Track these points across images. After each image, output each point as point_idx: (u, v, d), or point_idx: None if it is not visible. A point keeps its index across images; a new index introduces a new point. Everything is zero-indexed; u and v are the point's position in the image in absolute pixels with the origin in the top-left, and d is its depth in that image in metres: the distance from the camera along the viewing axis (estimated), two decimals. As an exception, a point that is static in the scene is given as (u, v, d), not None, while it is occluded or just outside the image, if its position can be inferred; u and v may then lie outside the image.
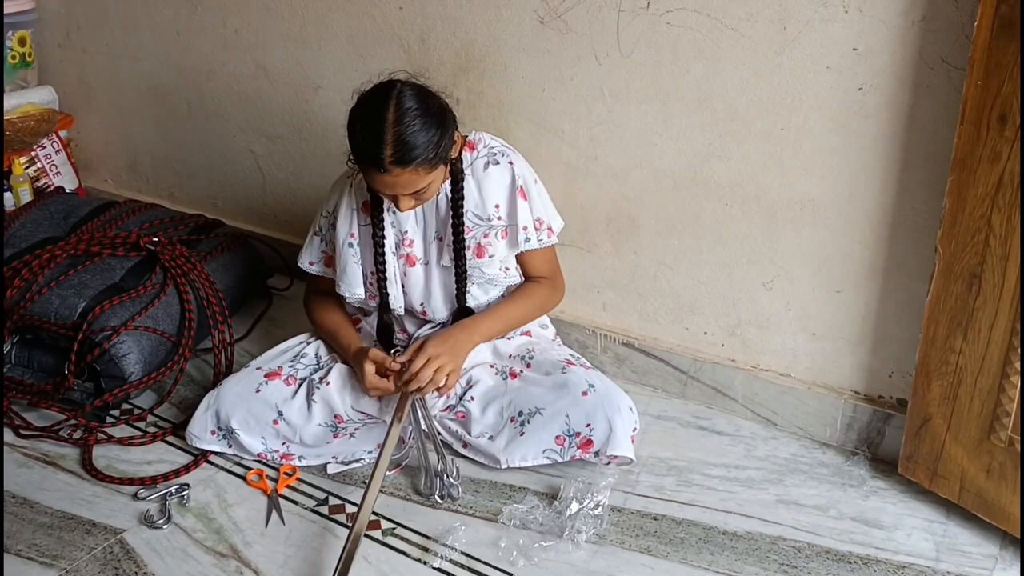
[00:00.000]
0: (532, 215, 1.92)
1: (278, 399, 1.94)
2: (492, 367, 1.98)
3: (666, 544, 1.73)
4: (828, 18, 1.73)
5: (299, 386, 1.97)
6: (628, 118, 2.02)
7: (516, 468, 1.87)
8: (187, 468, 1.93)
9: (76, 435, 2.04)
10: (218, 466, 1.95)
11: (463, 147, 1.90)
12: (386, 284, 1.94)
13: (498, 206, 1.90)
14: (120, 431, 2.07)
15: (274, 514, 1.81)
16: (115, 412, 2.14)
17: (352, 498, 1.85)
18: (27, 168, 2.94)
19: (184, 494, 1.86)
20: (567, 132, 2.11)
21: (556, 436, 1.84)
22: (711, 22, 1.84)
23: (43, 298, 2.17)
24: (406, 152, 1.68)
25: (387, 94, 1.71)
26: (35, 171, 2.97)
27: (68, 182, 3.04)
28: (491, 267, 1.94)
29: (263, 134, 2.68)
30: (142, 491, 1.87)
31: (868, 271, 1.87)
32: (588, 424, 1.83)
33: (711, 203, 1.99)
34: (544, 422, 1.85)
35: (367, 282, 1.97)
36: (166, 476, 1.91)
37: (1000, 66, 1.48)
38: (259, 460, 1.95)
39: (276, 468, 1.92)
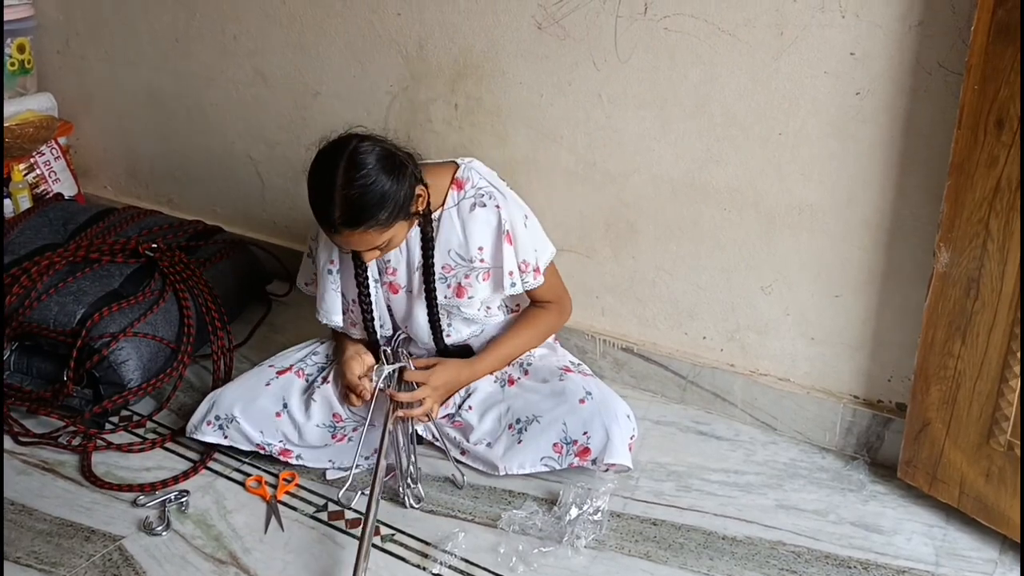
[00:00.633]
0: (517, 259, 1.90)
1: (287, 392, 1.96)
2: (490, 374, 1.98)
3: (665, 549, 1.73)
4: (825, 23, 1.73)
5: (307, 381, 1.98)
6: (626, 123, 2.02)
7: (515, 475, 1.87)
8: (186, 475, 1.93)
9: (75, 442, 2.04)
10: (217, 472, 1.95)
11: (450, 184, 1.87)
12: (370, 309, 1.93)
13: (482, 248, 1.87)
14: (119, 438, 2.07)
15: (273, 520, 1.81)
16: (114, 419, 2.13)
17: (352, 504, 1.85)
18: (26, 175, 2.94)
19: (183, 500, 1.86)
20: (565, 138, 2.11)
21: (553, 444, 1.84)
22: (708, 27, 1.85)
23: (42, 305, 2.17)
24: (355, 215, 1.67)
25: (339, 153, 1.68)
26: (34, 178, 2.97)
27: (67, 189, 3.04)
28: (470, 307, 1.92)
29: (262, 140, 2.68)
30: (141, 498, 1.87)
31: (866, 276, 1.87)
32: (585, 432, 1.83)
33: (709, 208, 1.99)
34: (541, 430, 1.85)
35: (348, 309, 1.96)
36: (165, 483, 1.91)
37: (997, 71, 1.48)
38: (256, 451, 1.94)
39: (275, 475, 1.92)
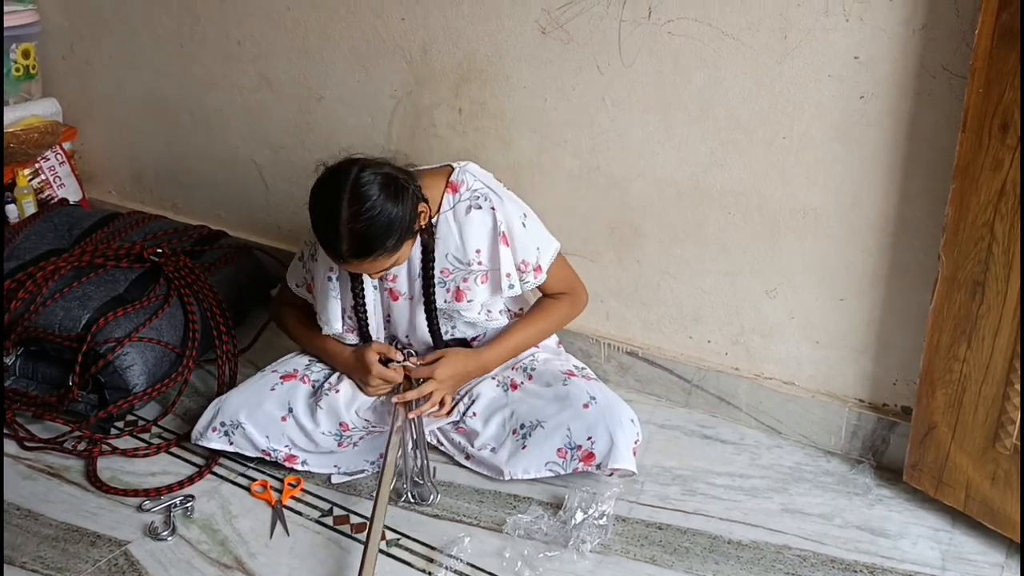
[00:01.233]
0: (516, 259, 1.89)
1: (292, 396, 1.96)
2: (494, 379, 1.98)
3: (671, 554, 1.73)
4: (829, 27, 1.73)
5: (313, 387, 1.99)
6: (630, 127, 2.02)
7: (519, 480, 1.87)
8: (191, 479, 1.93)
9: (80, 447, 2.04)
10: (222, 477, 1.95)
11: (445, 188, 1.88)
12: (366, 317, 1.94)
13: (479, 251, 1.88)
14: (124, 443, 2.07)
15: (279, 525, 1.81)
16: (119, 424, 2.14)
17: (357, 509, 1.85)
18: (31, 180, 2.94)
19: (188, 505, 1.86)
20: (569, 142, 2.11)
21: (558, 449, 1.84)
22: (712, 31, 1.85)
23: (47, 310, 2.17)
24: (364, 247, 1.68)
25: (342, 185, 1.67)
26: (39, 183, 2.97)
27: (72, 194, 3.04)
28: (470, 311, 1.92)
29: (266, 145, 2.69)
30: (147, 503, 1.87)
31: (871, 279, 1.87)
32: (589, 437, 1.83)
33: (714, 212, 1.99)
34: (546, 435, 1.85)
35: (345, 316, 1.96)
36: (170, 487, 1.91)
37: (1001, 74, 1.48)
38: (262, 457, 1.94)
39: (280, 480, 1.92)
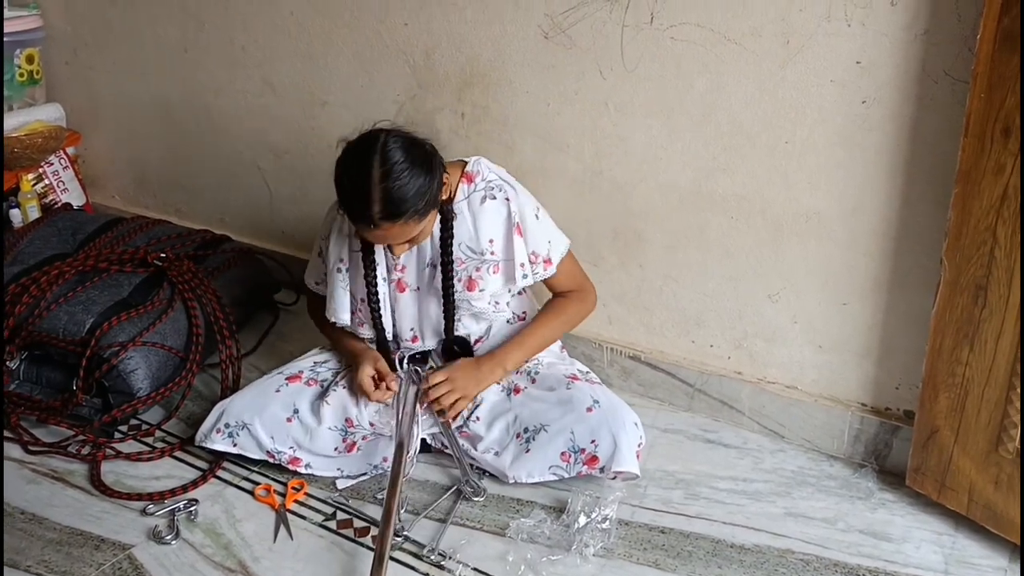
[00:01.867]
0: (527, 250, 1.91)
1: (297, 398, 1.96)
2: (497, 383, 1.98)
3: (674, 558, 1.73)
4: (831, 32, 1.74)
5: (320, 387, 1.99)
6: (633, 132, 2.02)
7: (523, 483, 1.88)
8: (195, 483, 1.94)
9: (84, 451, 2.04)
10: (226, 481, 1.95)
11: (460, 178, 1.89)
12: (379, 308, 1.94)
13: (492, 241, 1.89)
14: (128, 447, 2.08)
15: (282, 529, 1.82)
16: (123, 428, 2.14)
17: (361, 513, 1.86)
18: (35, 185, 2.95)
19: (192, 509, 1.86)
20: (572, 146, 2.11)
21: (561, 452, 1.84)
22: (715, 36, 1.85)
23: (51, 314, 2.18)
24: (395, 208, 1.68)
25: (372, 148, 1.70)
26: (43, 188, 2.98)
27: (75, 199, 3.05)
28: (480, 301, 1.92)
29: (270, 150, 2.69)
30: (150, 507, 1.87)
31: (874, 283, 1.87)
32: (593, 440, 1.83)
33: (716, 217, 2.00)
34: (549, 439, 1.85)
35: (356, 308, 1.96)
36: (174, 491, 1.91)
37: (1003, 79, 1.48)
38: (266, 460, 1.95)
39: (284, 484, 1.92)
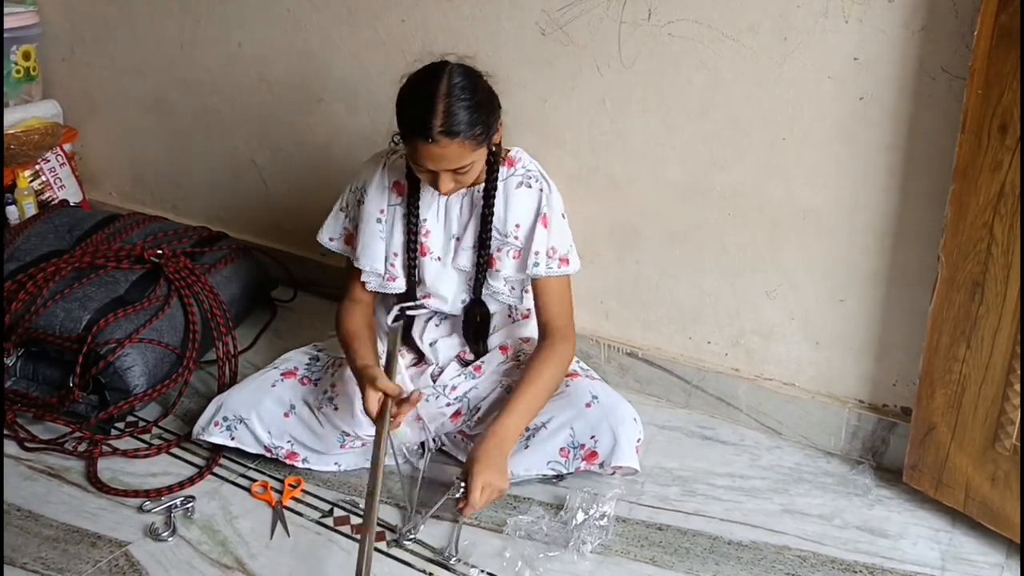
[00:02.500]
0: (548, 243, 1.89)
1: (293, 394, 1.96)
2: (498, 382, 1.98)
3: (671, 554, 1.73)
4: (829, 28, 1.74)
5: (314, 386, 1.98)
6: (630, 129, 2.02)
7: (521, 478, 1.87)
8: (192, 480, 1.93)
9: (81, 448, 2.04)
10: (223, 478, 1.95)
11: (504, 158, 1.89)
12: (416, 258, 1.93)
13: (518, 226, 1.88)
14: (125, 443, 2.07)
15: (279, 526, 1.82)
16: (120, 425, 2.14)
17: (358, 510, 1.85)
18: (31, 181, 2.95)
19: (189, 506, 1.86)
20: (569, 143, 2.11)
21: (560, 448, 1.85)
22: (712, 33, 1.85)
23: (48, 311, 2.18)
24: (455, 123, 1.68)
25: (440, 69, 1.73)
26: (39, 184, 2.98)
27: (72, 195, 3.05)
28: (496, 281, 1.92)
29: (266, 146, 2.69)
30: (147, 503, 1.87)
31: (871, 280, 1.87)
32: (592, 436, 1.83)
33: (714, 213, 2.00)
34: (548, 434, 1.85)
35: (388, 263, 1.94)
36: (171, 488, 1.91)
37: (1000, 75, 1.48)
38: (263, 454, 1.95)
39: (280, 480, 1.92)
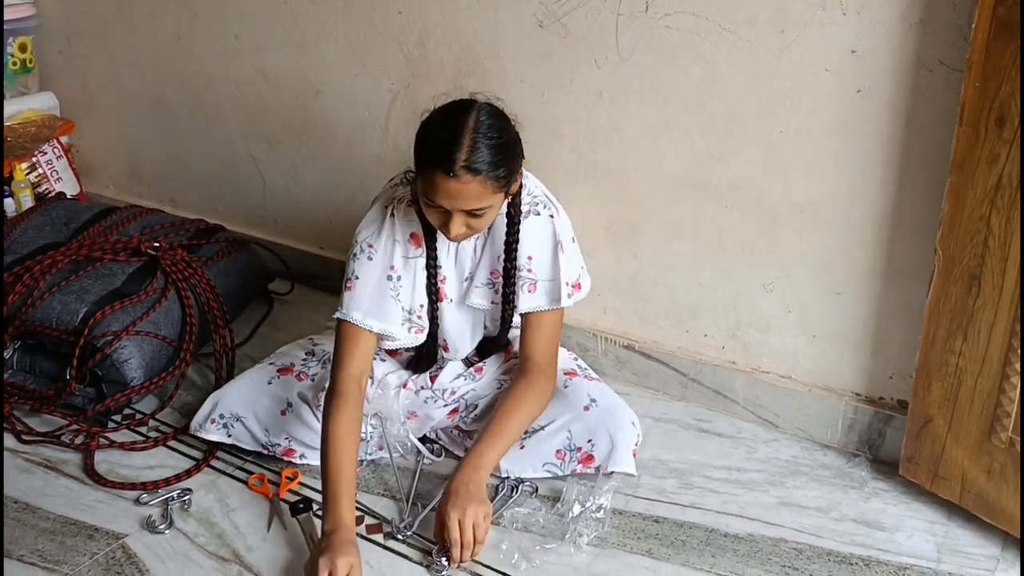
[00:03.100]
0: (568, 272, 1.85)
1: (289, 391, 1.95)
2: (495, 380, 1.98)
3: (668, 547, 1.73)
4: (826, 21, 1.73)
5: (312, 381, 1.98)
6: (628, 121, 2.02)
7: (520, 482, 1.87)
8: (189, 473, 1.93)
9: (78, 440, 2.04)
10: (220, 471, 1.95)
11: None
12: (438, 311, 1.87)
13: (531, 258, 1.83)
14: (122, 436, 2.07)
15: (276, 519, 1.82)
16: (117, 417, 2.14)
17: (359, 503, 1.85)
18: (28, 174, 2.94)
19: (186, 499, 1.86)
20: (567, 136, 2.11)
21: (557, 450, 1.85)
22: (710, 25, 1.85)
23: (44, 304, 2.17)
24: (479, 160, 1.60)
25: (470, 106, 1.66)
26: (36, 177, 2.97)
27: (69, 188, 3.05)
28: (514, 316, 1.90)
29: (263, 139, 2.69)
30: (144, 496, 1.87)
31: (868, 274, 1.87)
32: (590, 440, 1.83)
33: (711, 206, 1.99)
34: (546, 436, 1.85)
35: (414, 316, 1.85)
36: (168, 481, 1.91)
37: (998, 68, 1.48)
38: (261, 451, 1.95)
39: (277, 473, 1.92)
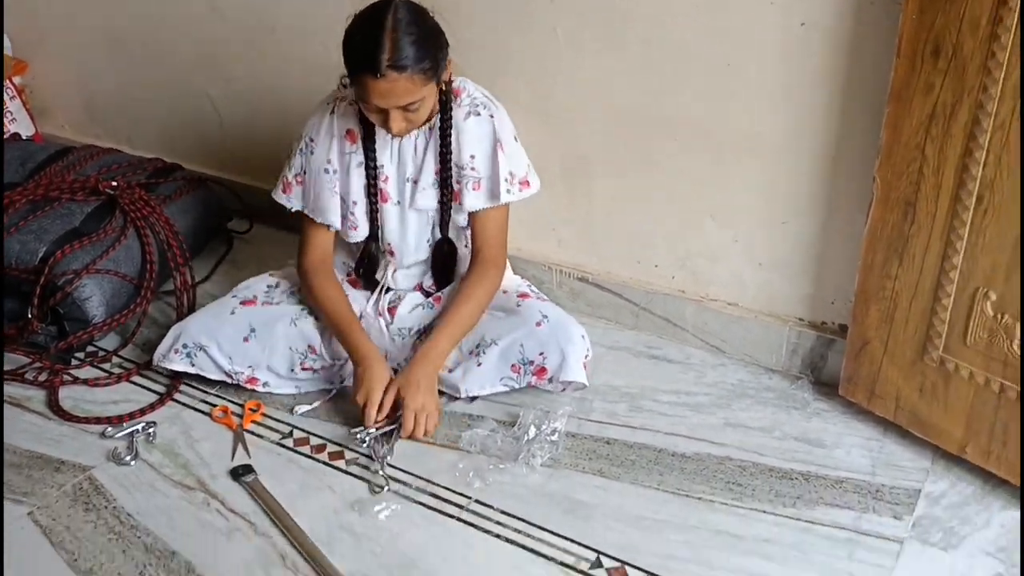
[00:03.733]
0: (508, 168, 1.93)
1: (252, 319, 1.98)
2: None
3: (618, 466, 1.80)
4: (771, -46, 1.76)
5: (274, 308, 2.01)
6: (580, 57, 2.04)
7: (477, 398, 1.94)
8: (153, 407, 1.97)
9: (41, 378, 2.07)
10: (184, 404, 1.99)
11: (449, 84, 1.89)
12: (378, 204, 1.95)
13: (473, 156, 1.91)
14: (85, 372, 2.10)
15: (239, 448, 1.87)
16: (80, 354, 2.16)
17: (317, 431, 1.91)
18: (-19, 115, 2.92)
19: (151, 431, 1.90)
20: (522, 73, 2.13)
21: (511, 364, 1.91)
22: (658, -41, 1.87)
23: (3, 243, 2.18)
24: (403, 56, 1.68)
25: (385, 6, 1.73)
26: (-11, 118, 2.94)
27: (24, 128, 3.01)
28: (461, 215, 1.97)
29: (219, 76, 2.67)
30: (109, 430, 1.91)
31: (812, 202, 1.93)
32: (541, 352, 1.89)
33: (660, 140, 2.03)
34: (500, 352, 1.91)
35: (348, 212, 1.97)
36: (132, 415, 1.95)
37: (933, 0, 1.52)
38: (224, 379, 1.98)
39: (240, 405, 1.97)
